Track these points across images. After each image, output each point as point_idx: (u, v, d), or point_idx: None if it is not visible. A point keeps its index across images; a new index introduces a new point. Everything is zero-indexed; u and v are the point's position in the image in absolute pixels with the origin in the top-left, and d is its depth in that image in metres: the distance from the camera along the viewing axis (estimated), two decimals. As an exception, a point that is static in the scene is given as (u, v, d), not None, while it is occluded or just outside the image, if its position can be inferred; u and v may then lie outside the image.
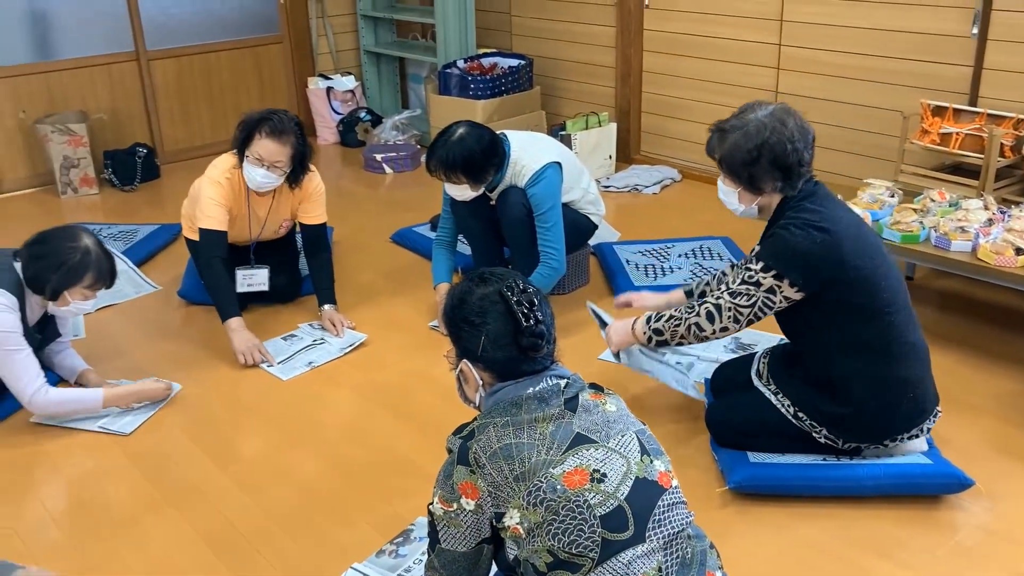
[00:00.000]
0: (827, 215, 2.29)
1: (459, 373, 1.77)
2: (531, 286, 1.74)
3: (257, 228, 3.52)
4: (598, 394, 1.73)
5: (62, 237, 2.75)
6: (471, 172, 3.20)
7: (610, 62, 5.31)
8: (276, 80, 5.96)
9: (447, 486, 1.64)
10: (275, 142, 3.20)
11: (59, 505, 2.52)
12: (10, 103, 5.07)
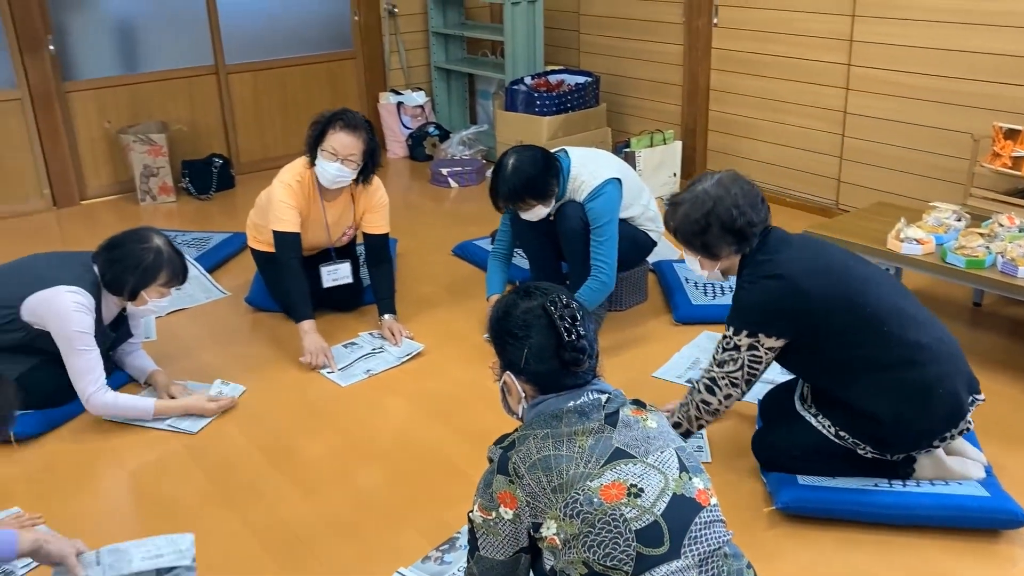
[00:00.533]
0: (778, 260, 2.35)
1: (503, 384, 1.81)
2: (575, 301, 1.76)
3: (329, 233, 3.62)
4: (640, 410, 1.74)
5: (135, 240, 2.88)
6: (537, 193, 3.25)
7: (677, 80, 5.31)
8: (348, 95, 6.10)
9: (487, 495, 1.68)
10: (349, 135, 3.31)
11: (123, 498, 2.64)
12: (96, 114, 5.31)
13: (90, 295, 2.85)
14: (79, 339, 2.79)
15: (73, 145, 5.27)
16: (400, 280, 4.02)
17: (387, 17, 6.13)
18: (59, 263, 2.92)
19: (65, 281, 2.82)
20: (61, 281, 2.81)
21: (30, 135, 5.12)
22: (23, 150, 5.13)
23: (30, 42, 4.99)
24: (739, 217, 2.35)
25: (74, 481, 2.72)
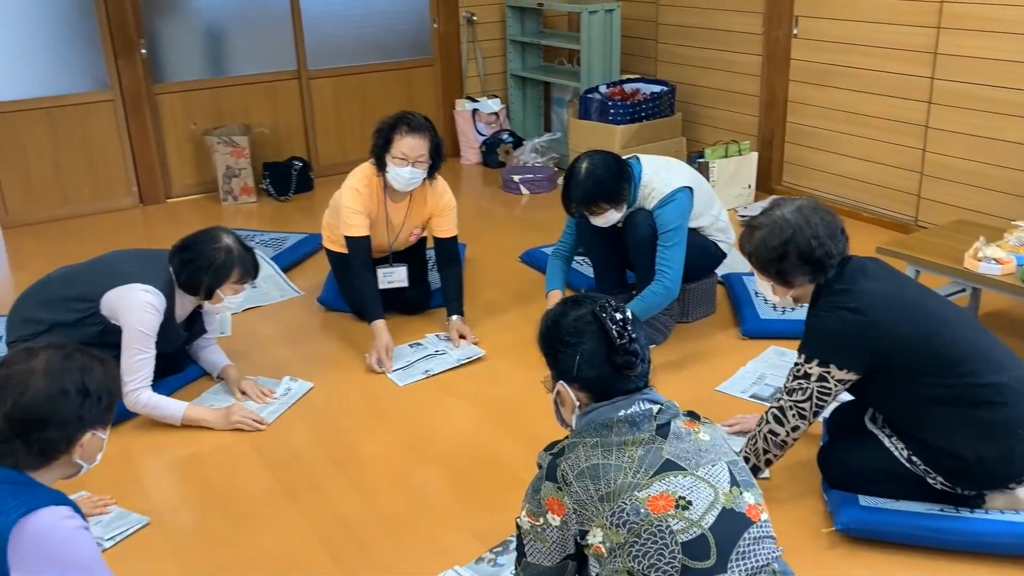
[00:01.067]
0: (856, 292, 2.29)
1: (556, 395, 1.81)
2: (623, 306, 1.78)
3: (392, 235, 3.68)
4: (693, 422, 1.73)
5: (206, 241, 2.97)
6: (610, 198, 3.25)
7: (754, 91, 5.25)
8: (425, 101, 6.19)
9: (535, 501, 1.69)
10: (416, 138, 3.39)
11: (191, 487, 2.73)
12: (183, 115, 5.51)
13: (162, 296, 2.94)
14: (140, 339, 2.89)
15: (160, 145, 5.48)
16: (467, 285, 4.06)
17: (466, 25, 6.21)
18: (139, 261, 3.04)
19: (142, 279, 2.92)
20: (138, 279, 2.92)
21: (120, 135, 5.35)
22: (114, 149, 5.36)
23: (124, 46, 5.20)
24: (817, 248, 2.31)
25: (144, 468, 2.83)
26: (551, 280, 3.56)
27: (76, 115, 5.23)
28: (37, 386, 1.63)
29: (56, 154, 5.24)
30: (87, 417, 1.69)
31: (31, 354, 1.68)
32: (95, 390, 1.70)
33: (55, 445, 1.66)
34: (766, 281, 2.46)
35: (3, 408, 1.62)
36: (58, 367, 1.67)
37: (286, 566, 2.37)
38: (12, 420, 1.61)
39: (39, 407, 1.63)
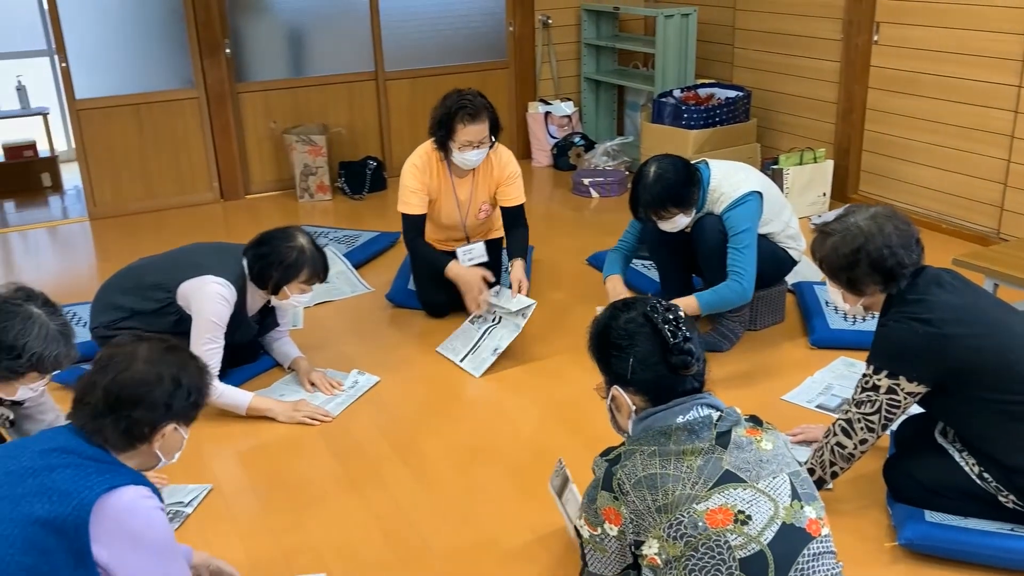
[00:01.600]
0: (930, 303, 2.24)
1: (611, 401, 1.79)
2: (675, 306, 1.76)
3: (463, 211, 3.77)
4: (755, 430, 1.69)
5: (281, 238, 3.04)
6: (678, 202, 3.24)
7: (832, 98, 5.16)
8: (498, 103, 6.18)
9: (591, 510, 1.67)
10: (476, 124, 3.51)
11: (259, 473, 2.81)
12: (264, 114, 5.67)
13: (233, 288, 3.03)
14: (210, 329, 2.98)
15: (241, 143, 5.65)
16: (533, 286, 4.09)
17: (541, 28, 6.24)
18: (214, 253, 3.15)
19: (216, 271, 3.02)
20: (212, 271, 3.02)
21: (204, 132, 5.53)
22: (197, 146, 5.54)
23: (209, 46, 5.38)
24: (889, 257, 2.27)
25: (214, 455, 2.93)
26: (609, 266, 3.56)
27: (163, 112, 5.42)
28: (137, 368, 1.73)
29: (143, 149, 5.45)
30: (174, 408, 1.77)
31: (138, 340, 1.79)
32: (187, 385, 1.78)
33: (140, 428, 1.73)
34: (836, 288, 2.43)
35: (104, 381, 1.71)
36: (159, 356, 1.77)
37: (347, 554, 2.43)
38: (109, 393, 1.70)
39: (134, 386, 1.71)
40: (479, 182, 3.73)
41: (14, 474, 1.63)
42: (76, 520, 1.57)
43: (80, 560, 1.58)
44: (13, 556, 1.55)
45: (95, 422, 1.71)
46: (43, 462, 1.64)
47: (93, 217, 5.47)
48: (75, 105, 5.26)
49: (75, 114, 5.28)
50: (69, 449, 1.67)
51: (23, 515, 1.57)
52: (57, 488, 1.59)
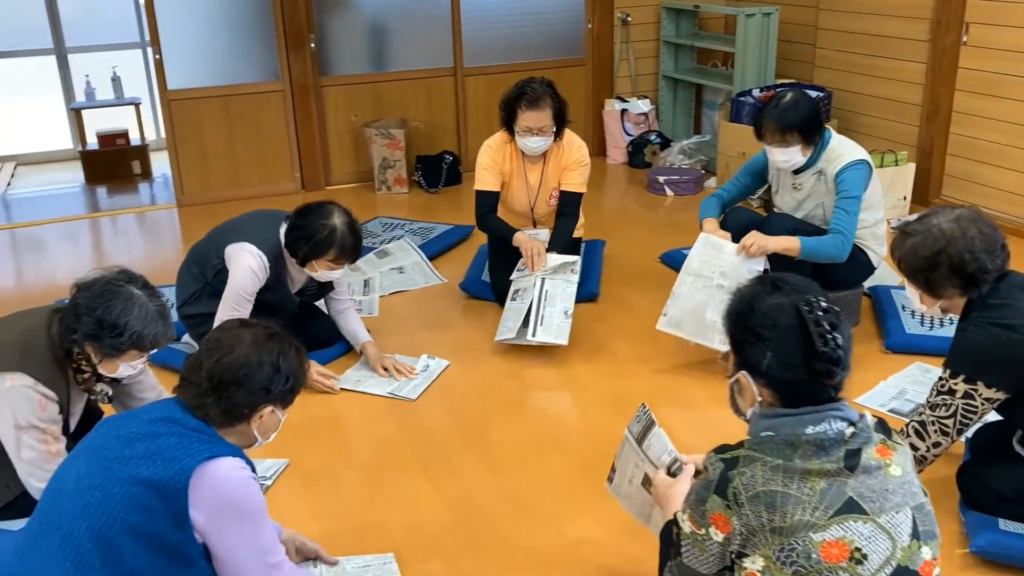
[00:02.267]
0: (1014, 308, 2.19)
1: (735, 382, 1.65)
2: (834, 306, 1.56)
3: (532, 195, 3.84)
4: (886, 449, 1.54)
5: (318, 214, 3.08)
6: (804, 132, 3.29)
7: (916, 100, 5.05)
8: (575, 100, 6.25)
9: (699, 510, 1.55)
10: (536, 111, 3.59)
11: (333, 452, 2.91)
12: (345, 108, 5.81)
13: (266, 258, 3.10)
14: (234, 298, 3.08)
15: (323, 135, 5.79)
16: (604, 282, 4.13)
17: (620, 25, 6.25)
18: (259, 220, 3.24)
19: (253, 239, 3.11)
20: (250, 238, 3.11)
21: (288, 124, 5.69)
22: (281, 137, 5.71)
23: (295, 40, 5.53)
24: (971, 262, 2.22)
25: (292, 432, 3.03)
26: (706, 211, 3.56)
27: (249, 104, 5.60)
28: (241, 352, 1.82)
29: (230, 139, 5.63)
30: (272, 392, 1.84)
31: (244, 326, 1.89)
32: (285, 370, 1.86)
33: (240, 408, 1.82)
34: (914, 289, 2.39)
35: (209, 363, 1.81)
36: (262, 342, 1.85)
37: (416, 532, 2.50)
38: (212, 375, 1.79)
39: (237, 369, 1.80)
40: (549, 167, 3.79)
41: (124, 438, 1.73)
42: (177, 484, 1.66)
43: (179, 522, 1.67)
44: (119, 513, 1.65)
45: (198, 399, 1.81)
46: (151, 429, 1.75)
47: (180, 204, 5.68)
48: (167, 95, 5.47)
49: (167, 104, 5.48)
50: (175, 419, 1.77)
51: (130, 476, 1.68)
52: (162, 453, 1.69)
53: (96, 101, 6.82)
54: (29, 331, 2.33)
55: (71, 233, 5.34)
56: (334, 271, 3.15)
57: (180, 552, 1.68)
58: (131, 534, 1.65)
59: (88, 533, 1.65)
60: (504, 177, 3.80)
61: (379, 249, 4.60)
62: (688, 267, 3.40)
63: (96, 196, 6.25)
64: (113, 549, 1.65)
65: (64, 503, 1.70)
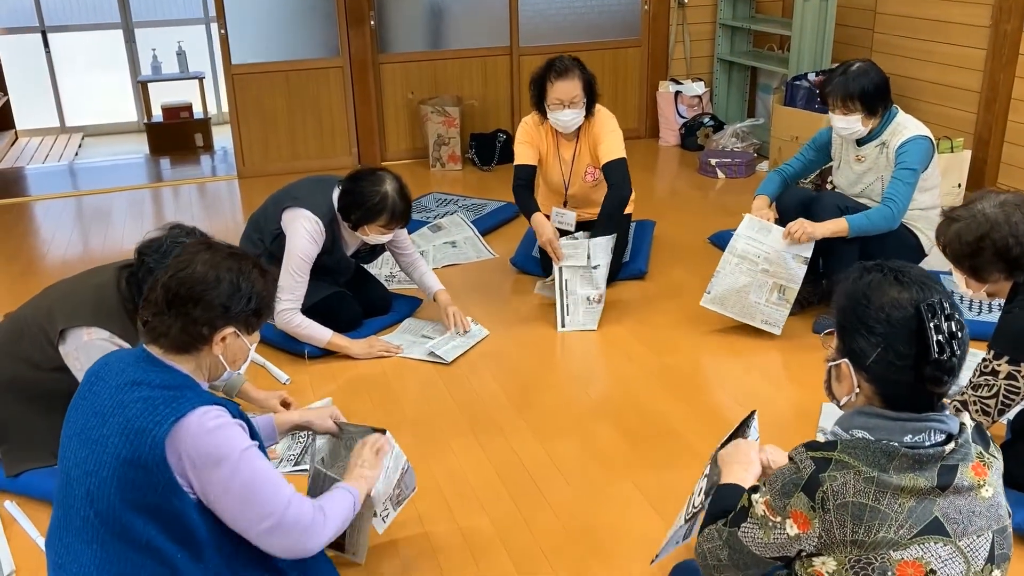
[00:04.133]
0: None
1: (835, 368, 1.58)
2: (958, 313, 1.47)
3: (566, 171, 3.90)
4: (982, 468, 1.48)
5: (370, 180, 3.18)
6: (868, 101, 3.33)
7: (974, 86, 5.00)
8: (629, 81, 6.31)
9: (780, 502, 1.51)
10: (565, 81, 3.63)
11: (389, 415, 3.02)
12: (402, 85, 5.92)
13: (322, 223, 3.20)
14: (296, 262, 3.18)
15: (380, 111, 5.91)
16: (653, 260, 4.20)
17: (676, 7, 6.26)
18: (313, 185, 3.33)
19: (307, 204, 3.21)
20: (305, 204, 3.21)
21: (346, 100, 5.82)
22: (339, 112, 5.84)
23: (355, 17, 5.65)
24: (1015, 247, 2.25)
25: (348, 391, 3.16)
26: (763, 187, 3.63)
27: (309, 79, 5.74)
28: (196, 267, 1.75)
29: (290, 114, 5.78)
30: (232, 310, 1.76)
31: (206, 246, 1.84)
32: (246, 290, 1.78)
33: (198, 328, 1.74)
34: (960, 274, 2.43)
35: (163, 278, 1.76)
36: (221, 260, 1.78)
37: (466, 492, 2.61)
38: (168, 289, 1.74)
39: (193, 284, 1.73)
40: (582, 144, 3.86)
41: (99, 415, 1.69)
42: (154, 457, 1.63)
43: (171, 490, 1.64)
44: (115, 495, 1.64)
45: (157, 319, 1.73)
46: (119, 398, 1.69)
47: (241, 176, 5.85)
48: (231, 70, 5.63)
49: (230, 78, 5.64)
50: (138, 380, 1.70)
51: (112, 457, 1.65)
52: (133, 427, 1.64)
53: (162, 75, 7.03)
54: (100, 287, 2.46)
55: (135, 202, 5.54)
56: (385, 235, 3.25)
57: (184, 517, 1.66)
58: (133, 510, 1.63)
59: (98, 518, 1.65)
60: (541, 154, 3.87)
61: (432, 224, 4.71)
62: (733, 247, 3.45)
63: (159, 167, 6.46)
64: (123, 526, 1.64)
65: (73, 489, 1.69)
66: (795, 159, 3.70)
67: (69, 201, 5.58)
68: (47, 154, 6.91)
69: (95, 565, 1.65)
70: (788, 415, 2.96)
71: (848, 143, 3.51)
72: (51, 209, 5.44)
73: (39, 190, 5.88)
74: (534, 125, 3.86)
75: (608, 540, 2.39)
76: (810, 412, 2.94)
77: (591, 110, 3.75)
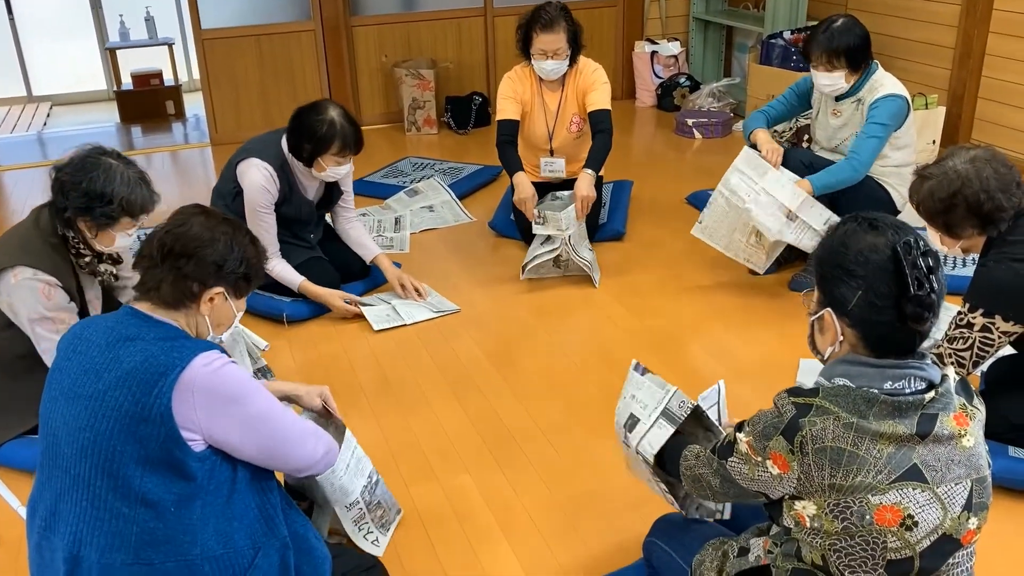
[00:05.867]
0: None
1: (818, 320, 1.59)
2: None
3: (551, 121, 3.90)
4: (964, 418, 1.50)
5: (313, 111, 3.16)
6: (851, 57, 3.32)
7: (949, 43, 5.01)
8: (605, 42, 6.27)
9: (760, 443, 1.54)
10: (550, 33, 3.67)
11: (369, 378, 3.03)
12: (376, 48, 5.85)
13: (273, 168, 3.20)
14: (254, 213, 3.21)
15: (354, 75, 5.85)
16: (631, 221, 4.20)
17: (651, -34, 6.20)
18: (265, 137, 3.33)
19: (258, 153, 3.21)
20: (255, 153, 3.21)
21: (319, 63, 5.75)
22: (312, 76, 5.77)
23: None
24: (987, 201, 2.26)
25: (327, 356, 3.15)
26: (755, 122, 3.61)
27: (281, 43, 5.66)
28: (193, 226, 1.79)
29: (262, 79, 5.70)
30: (224, 270, 1.79)
31: (203, 210, 1.87)
32: (238, 253, 1.82)
33: (190, 283, 1.75)
34: (935, 232, 2.44)
35: (160, 232, 1.79)
36: (217, 224, 1.82)
37: (449, 453, 2.63)
38: (163, 244, 1.76)
39: (189, 240, 1.76)
40: (567, 92, 3.86)
41: (91, 372, 1.68)
42: (159, 407, 1.62)
43: (174, 442, 1.63)
44: (116, 446, 1.63)
45: (151, 273, 1.76)
46: (112, 355, 1.68)
47: (214, 143, 5.78)
48: (201, 35, 5.53)
49: (201, 43, 5.55)
50: (132, 336, 1.70)
51: (111, 409, 1.64)
52: (135, 379, 1.64)
53: (130, 41, 6.90)
54: (20, 228, 2.50)
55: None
56: (341, 166, 3.23)
57: (184, 469, 1.65)
58: (132, 462, 1.62)
59: (94, 471, 1.64)
60: (524, 107, 3.86)
61: (409, 188, 4.68)
62: (727, 180, 3.47)
63: (131, 135, 6.36)
64: (121, 480, 1.63)
65: (62, 448, 1.68)
66: (777, 102, 3.70)
67: (39, 171, 5.48)
68: (15, 124, 6.79)
69: (87, 523, 1.65)
70: (766, 372, 2.98)
71: (828, 96, 3.51)
72: (20, 179, 5.36)
73: (7, 160, 5.78)
74: (517, 77, 3.85)
75: (592, 498, 2.42)
76: (788, 368, 2.97)
77: (575, 58, 3.76)
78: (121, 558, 1.63)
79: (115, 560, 1.63)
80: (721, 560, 1.73)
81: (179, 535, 1.65)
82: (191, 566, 1.65)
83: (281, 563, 1.76)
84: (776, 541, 1.62)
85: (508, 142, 3.79)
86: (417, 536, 2.30)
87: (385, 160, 5.22)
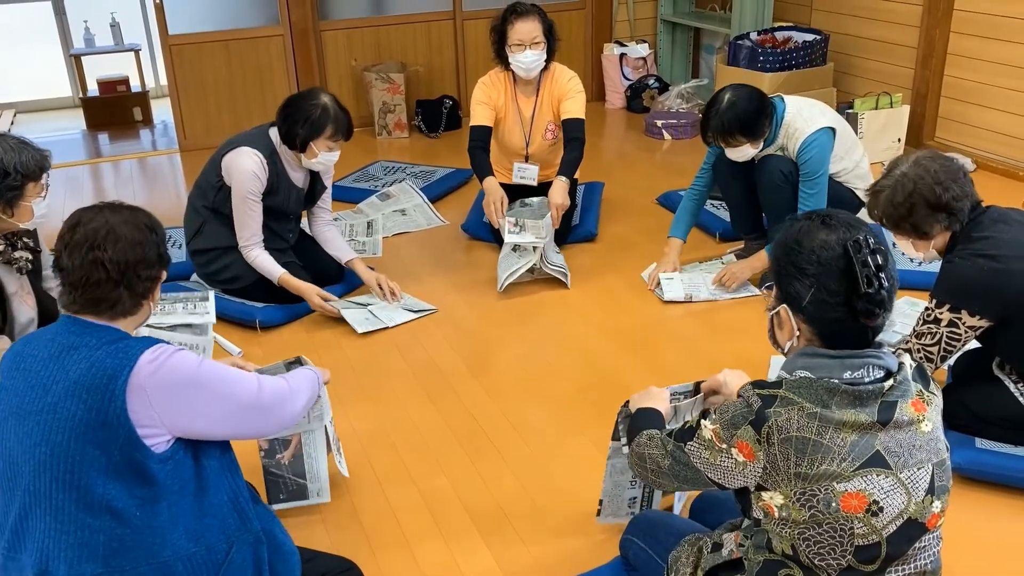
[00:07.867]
0: (996, 240, 2.29)
1: (775, 316, 1.63)
2: (883, 245, 1.54)
3: (526, 128, 3.91)
4: (922, 404, 1.54)
5: (305, 98, 3.22)
6: (748, 131, 3.27)
7: (911, 42, 5.09)
8: (574, 44, 6.29)
9: (727, 432, 1.57)
10: (526, 21, 3.70)
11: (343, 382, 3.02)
12: (345, 52, 5.84)
13: (263, 156, 3.22)
14: (244, 201, 3.23)
15: (323, 79, 5.83)
16: (602, 222, 4.23)
17: (618, -31, 6.25)
18: (249, 131, 3.34)
19: (248, 143, 3.23)
20: (244, 143, 3.23)
21: (288, 68, 5.72)
22: (282, 82, 5.74)
23: (299, -16, 5.54)
24: (943, 192, 2.31)
25: (303, 365, 3.14)
26: (677, 225, 3.65)
27: (249, 48, 5.63)
28: (125, 233, 1.71)
29: (231, 84, 5.67)
30: (164, 255, 1.78)
31: (97, 210, 1.77)
32: (162, 233, 1.80)
33: (147, 285, 1.73)
34: (905, 239, 2.46)
35: (103, 256, 1.68)
36: (128, 215, 1.75)
37: (424, 453, 2.63)
38: (117, 264, 1.68)
39: (130, 248, 1.70)
40: (543, 99, 3.87)
41: (38, 387, 1.65)
42: (115, 410, 1.60)
43: (133, 444, 1.62)
44: (74, 456, 1.60)
45: (112, 294, 1.69)
46: (57, 366, 1.65)
47: (182, 149, 5.73)
48: (168, 40, 5.49)
49: (168, 49, 5.51)
50: (74, 345, 1.66)
51: (65, 420, 1.61)
52: (84, 386, 1.61)
53: (95, 47, 6.83)
54: None
55: (73, 178, 5.40)
56: (332, 151, 3.27)
57: (145, 472, 1.63)
58: (93, 471, 1.60)
59: (54, 484, 1.61)
60: (498, 112, 3.87)
61: (381, 192, 4.67)
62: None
63: (97, 142, 6.30)
64: (82, 491, 1.60)
65: (20, 467, 1.65)
66: (701, 173, 3.63)
67: (4, 179, 5.42)
68: (-21, 132, 6.69)
69: (52, 538, 1.62)
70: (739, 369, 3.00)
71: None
72: (-14, 188, 5.28)
73: (-28, 169, 5.69)
74: (492, 83, 3.86)
75: (567, 497, 2.43)
76: (760, 365, 3.00)
77: (551, 56, 3.79)
78: (91, 569, 1.61)
79: (85, 571, 1.61)
80: (696, 556, 1.76)
81: (147, 539, 1.64)
82: (164, 568, 1.64)
83: (255, 557, 1.76)
84: (747, 534, 1.65)
85: (480, 148, 3.81)
86: (393, 536, 2.31)
87: (356, 164, 5.21)
